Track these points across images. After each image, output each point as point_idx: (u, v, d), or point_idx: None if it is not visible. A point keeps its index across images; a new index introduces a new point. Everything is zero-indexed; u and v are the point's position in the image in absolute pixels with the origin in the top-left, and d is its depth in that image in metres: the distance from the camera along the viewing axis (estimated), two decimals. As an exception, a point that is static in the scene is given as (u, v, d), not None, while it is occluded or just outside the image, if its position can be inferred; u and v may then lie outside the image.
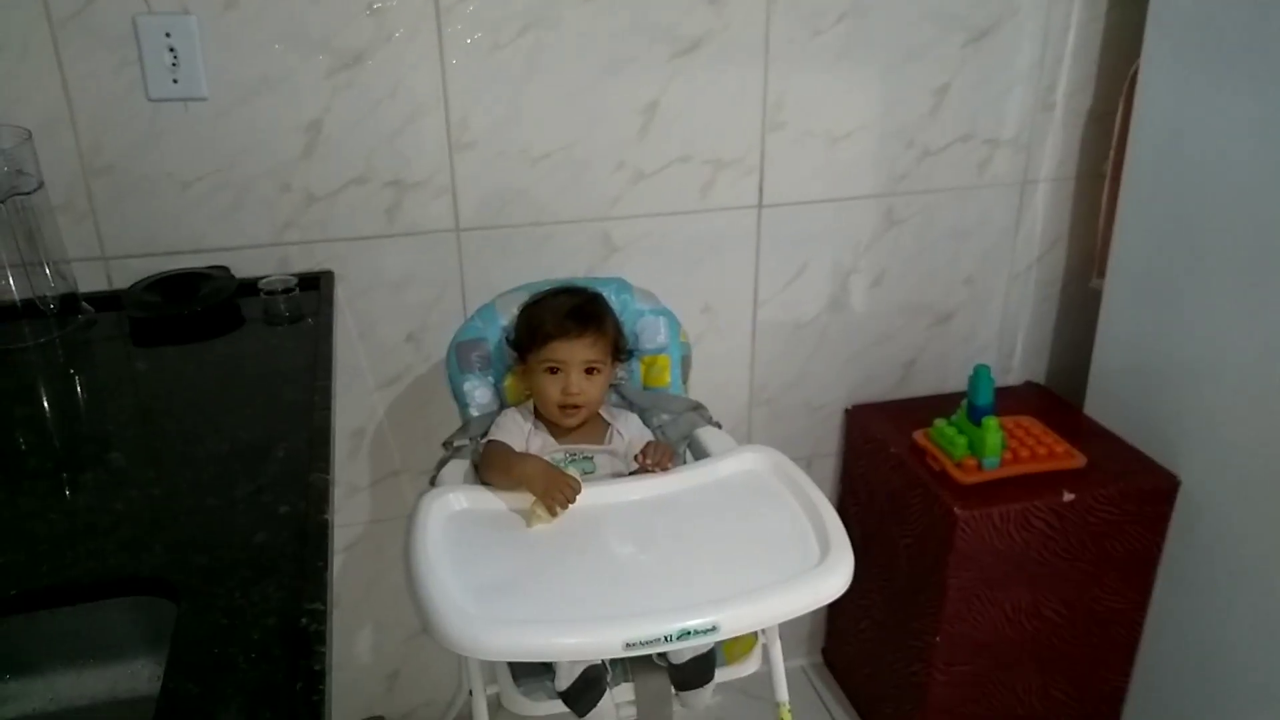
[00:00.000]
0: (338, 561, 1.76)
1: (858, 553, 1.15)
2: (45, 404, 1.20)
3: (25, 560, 0.86)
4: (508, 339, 1.43)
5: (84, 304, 1.40)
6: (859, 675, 1.98)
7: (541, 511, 1.20)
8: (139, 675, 0.85)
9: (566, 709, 1.22)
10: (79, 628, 0.84)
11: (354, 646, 1.84)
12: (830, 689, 2.06)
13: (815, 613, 2.09)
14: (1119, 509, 1.62)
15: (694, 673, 1.26)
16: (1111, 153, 1.76)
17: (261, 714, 0.68)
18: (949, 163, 1.76)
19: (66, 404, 1.20)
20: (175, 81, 1.39)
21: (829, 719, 1.98)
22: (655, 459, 1.31)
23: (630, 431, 1.41)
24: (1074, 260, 1.92)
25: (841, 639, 2.05)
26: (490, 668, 1.28)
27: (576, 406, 1.36)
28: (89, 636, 0.85)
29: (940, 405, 1.77)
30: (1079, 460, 1.65)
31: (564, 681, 1.21)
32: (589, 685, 1.21)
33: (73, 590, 0.82)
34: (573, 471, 1.29)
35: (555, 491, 1.21)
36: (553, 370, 1.35)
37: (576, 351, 1.35)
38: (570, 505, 1.21)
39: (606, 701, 1.23)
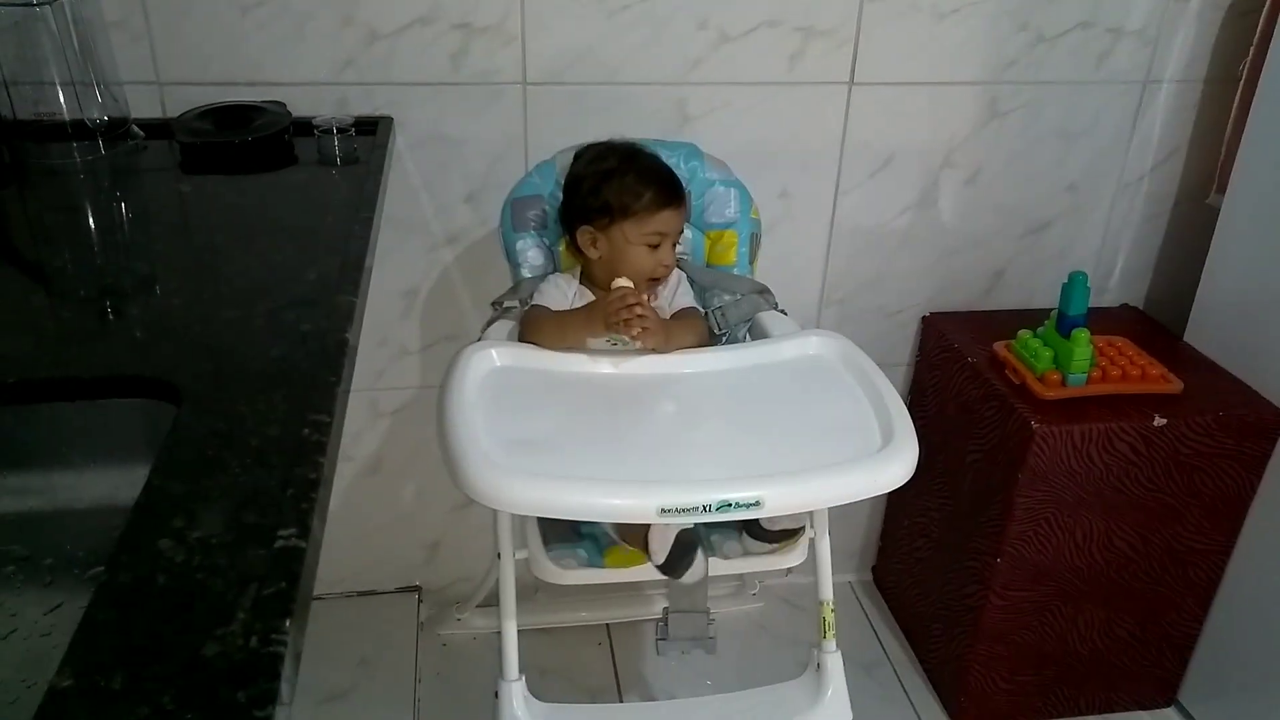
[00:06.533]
0: (383, 425, 1.72)
1: (921, 468, 1.05)
2: (80, 216, 1.16)
3: (29, 352, 0.82)
4: (573, 205, 1.31)
5: (135, 128, 1.35)
6: (909, 595, 1.90)
7: (627, 333, 1.17)
8: (140, 483, 0.81)
9: (594, 580, 1.16)
10: (81, 427, 0.80)
11: (396, 512, 1.81)
12: (878, 607, 1.98)
13: (867, 528, 2.00)
14: (1214, 441, 1.49)
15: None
16: (1250, 54, 1.58)
17: (246, 517, 0.62)
18: (1064, 52, 1.60)
19: (100, 217, 1.17)
20: (237, -104, 1.31)
21: (874, 638, 1.91)
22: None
23: (664, 293, 1.33)
24: (1191, 174, 1.75)
25: (893, 557, 1.96)
26: (521, 532, 1.22)
27: (660, 280, 1.30)
28: (91, 437, 0.80)
29: (1027, 320, 1.63)
30: (1175, 385, 1.52)
31: (659, 555, 1.15)
32: (685, 550, 1.16)
33: (72, 385, 0.78)
34: (616, 340, 1.21)
35: (616, 313, 1.16)
36: (653, 245, 1.26)
37: (678, 221, 1.29)
38: (642, 309, 1.17)
39: (700, 561, 1.18)
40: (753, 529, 1.20)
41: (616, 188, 1.26)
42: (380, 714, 1.66)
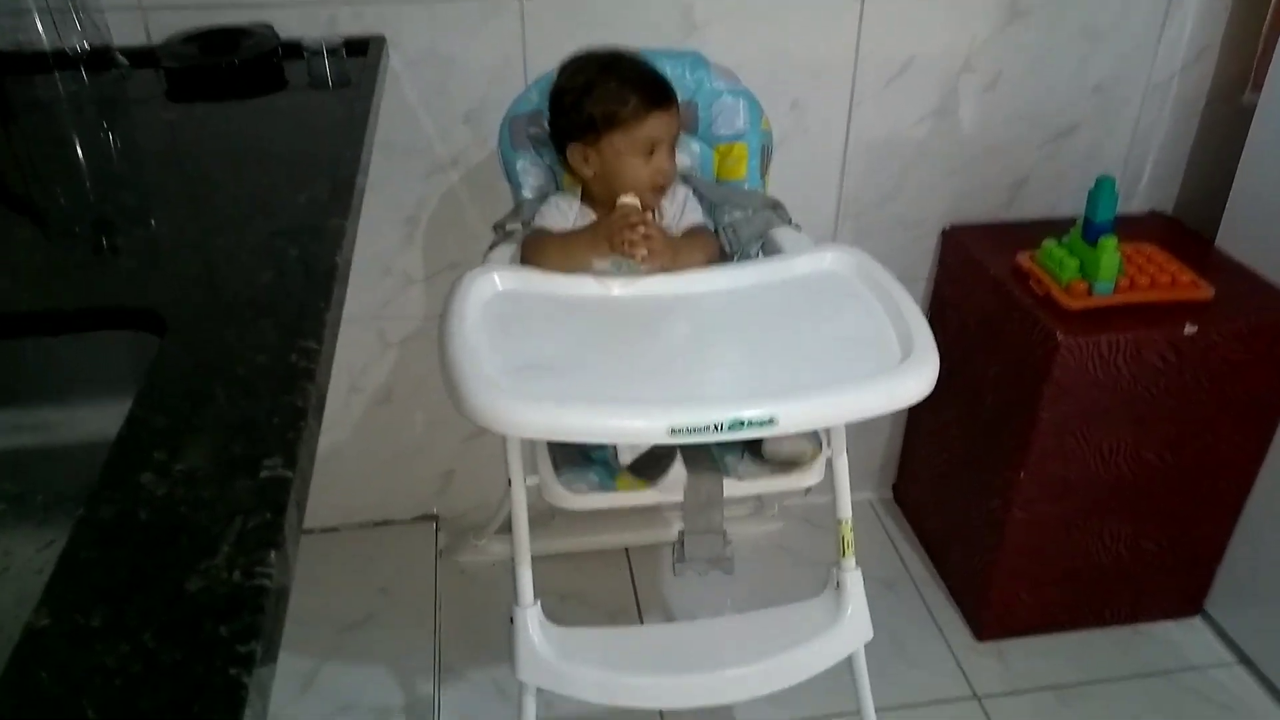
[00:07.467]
0: (392, 355, 1.70)
1: (941, 383, 1.01)
2: (65, 148, 1.12)
3: (9, 286, 0.79)
4: (559, 123, 1.25)
5: (119, 56, 1.30)
6: (930, 513, 1.88)
7: (633, 255, 1.13)
8: (131, 417, 0.79)
9: (606, 504, 1.14)
10: (69, 362, 0.77)
11: (409, 442, 1.80)
12: (899, 525, 1.96)
13: (887, 446, 1.97)
14: (1247, 348, 1.44)
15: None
16: (1290, -61, 1.49)
17: (232, 448, 0.59)
18: (1090, -57, 1.52)
19: (86, 148, 1.12)
20: None
21: (895, 555, 1.89)
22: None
23: (672, 210, 1.28)
24: (1225, 73, 1.66)
25: (914, 475, 1.94)
26: (531, 458, 1.20)
27: (663, 188, 1.24)
28: (80, 372, 0.78)
29: (1051, 229, 1.57)
30: (1205, 291, 1.46)
31: (627, 456, 1.14)
32: (656, 459, 1.15)
33: (53, 318, 0.75)
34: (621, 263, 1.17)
35: (619, 233, 1.12)
36: (648, 151, 1.20)
37: (671, 125, 1.21)
38: (646, 228, 1.13)
39: (678, 469, 1.17)
40: (755, 452, 1.17)
41: (599, 98, 1.20)
42: (402, 640, 1.67)
